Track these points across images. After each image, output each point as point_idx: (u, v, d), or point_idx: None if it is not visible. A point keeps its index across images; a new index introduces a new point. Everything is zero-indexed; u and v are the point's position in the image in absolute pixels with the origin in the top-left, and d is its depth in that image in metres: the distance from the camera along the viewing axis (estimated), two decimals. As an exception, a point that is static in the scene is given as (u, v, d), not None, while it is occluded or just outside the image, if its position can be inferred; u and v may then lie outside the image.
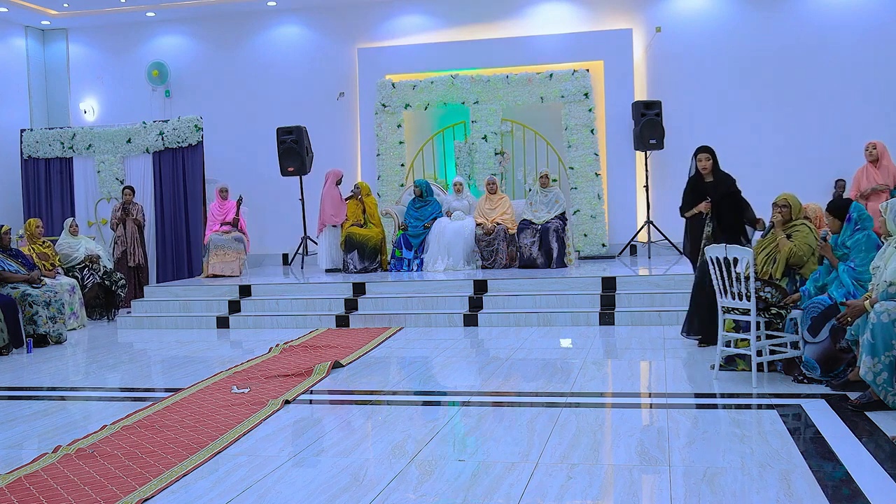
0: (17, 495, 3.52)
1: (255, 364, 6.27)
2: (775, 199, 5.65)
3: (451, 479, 3.55)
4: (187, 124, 11.29)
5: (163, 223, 11.36)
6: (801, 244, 5.43)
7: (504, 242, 9.59)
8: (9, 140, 12.10)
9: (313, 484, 3.55)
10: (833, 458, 3.64)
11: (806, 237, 5.46)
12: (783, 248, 5.45)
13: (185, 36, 12.69)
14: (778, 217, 5.58)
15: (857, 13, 10.77)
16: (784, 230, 5.55)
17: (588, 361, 6.01)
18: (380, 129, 11.49)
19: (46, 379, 6.32)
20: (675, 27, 11.27)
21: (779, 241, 5.51)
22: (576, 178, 10.87)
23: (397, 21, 12.01)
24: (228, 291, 8.98)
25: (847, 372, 4.84)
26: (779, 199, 5.64)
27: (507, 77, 11.11)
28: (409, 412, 4.78)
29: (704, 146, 6.56)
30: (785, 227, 5.56)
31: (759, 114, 11.02)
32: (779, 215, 5.58)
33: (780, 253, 5.46)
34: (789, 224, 5.57)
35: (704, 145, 6.58)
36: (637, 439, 4.02)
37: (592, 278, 8.25)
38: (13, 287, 7.83)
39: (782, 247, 5.45)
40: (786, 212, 5.57)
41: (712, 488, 3.31)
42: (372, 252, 9.95)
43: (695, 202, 6.51)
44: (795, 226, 5.54)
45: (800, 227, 5.51)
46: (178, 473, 3.73)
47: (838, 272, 5.04)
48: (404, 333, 7.59)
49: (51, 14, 12.48)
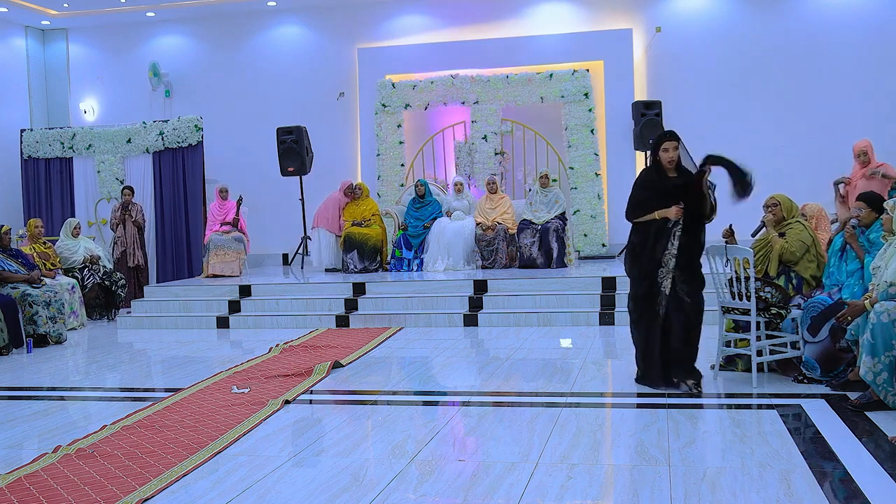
0: (17, 495, 3.52)
1: (255, 364, 6.27)
2: (765, 201, 5.63)
3: (451, 479, 3.55)
4: (187, 124, 11.29)
5: (163, 223, 11.36)
6: (794, 241, 5.42)
7: (504, 242, 9.59)
8: (9, 140, 12.10)
9: (313, 484, 3.55)
10: (833, 458, 3.64)
11: (799, 234, 5.44)
12: (775, 245, 5.44)
13: (185, 36, 12.69)
14: (769, 217, 5.58)
15: (857, 13, 10.77)
16: (777, 230, 5.55)
17: (588, 361, 6.01)
18: (380, 129, 11.50)
19: (46, 379, 6.32)
20: (675, 27, 11.27)
21: (771, 239, 5.50)
22: (576, 178, 10.87)
23: (397, 21, 12.02)
24: (228, 291, 8.98)
25: (847, 372, 4.84)
26: (768, 200, 5.63)
27: (507, 77, 11.12)
28: (409, 412, 4.78)
29: (670, 132, 5.03)
30: (778, 227, 5.55)
31: (758, 114, 11.02)
32: (770, 215, 5.58)
33: (773, 251, 5.45)
34: (783, 223, 5.56)
35: (670, 131, 5.05)
36: (637, 439, 4.01)
37: (592, 278, 8.25)
38: (13, 287, 7.82)
39: (774, 244, 5.45)
40: (777, 210, 5.56)
41: (712, 488, 3.31)
42: (372, 252, 9.95)
43: (652, 203, 4.97)
44: (789, 224, 5.53)
45: (793, 225, 5.50)
46: (178, 473, 3.73)
47: (863, 264, 5.01)
48: (404, 333, 7.59)
49: (51, 14, 12.48)
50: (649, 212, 4.96)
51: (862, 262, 5.04)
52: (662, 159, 4.97)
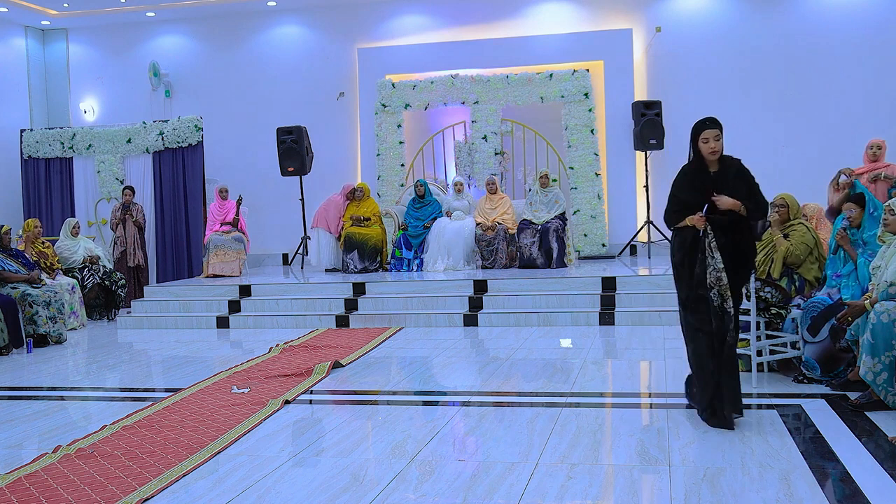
0: (17, 495, 3.52)
1: (255, 364, 6.27)
2: (773, 200, 5.63)
3: (451, 479, 3.55)
4: (187, 124, 11.29)
5: (163, 223, 11.36)
6: (798, 243, 5.43)
7: (504, 242, 9.59)
8: (9, 140, 12.11)
9: (313, 484, 3.55)
10: (833, 458, 3.64)
11: (803, 236, 5.45)
12: (780, 247, 5.44)
13: (185, 36, 12.70)
14: (775, 217, 5.58)
15: (857, 13, 10.78)
16: (781, 230, 5.55)
17: (588, 361, 6.01)
18: (380, 129, 11.50)
19: (46, 379, 6.32)
20: (675, 27, 11.27)
21: (776, 240, 5.50)
22: (576, 178, 10.87)
23: (397, 21, 12.02)
24: (228, 291, 8.98)
25: (847, 372, 4.84)
26: (776, 199, 5.63)
27: (507, 77, 11.12)
28: (409, 412, 4.78)
29: (711, 118, 4.28)
30: (782, 227, 5.56)
31: (759, 113, 11.02)
32: (776, 215, 5.58)
33: (777, 252, 5.45)
34: (787, 224, 5.56)
35: (711, 117, 4.29)
36: (637, 439, 4.01)
37: (592, 278, 8.25)
38: (13, 287, 7.83)
39: (779, 246, 5.45)
40: (783, 212, 5.57)
41: (712, 488, 3.31)
42: (372, 252, 9.95)
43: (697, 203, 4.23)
44: (793, 225, 5.54)
45: (797, 227, 5.51)
46: (178, 473, 3.73)
47: (856, 265, 5.02)
48: (404, 333, 7.59)
49: (51, 14, 12.48)
50: (691, 211, 4.24)
51: (855, 263, 5.05)
52: (703, 150, 4.26)
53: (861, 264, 4.96)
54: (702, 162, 4.30)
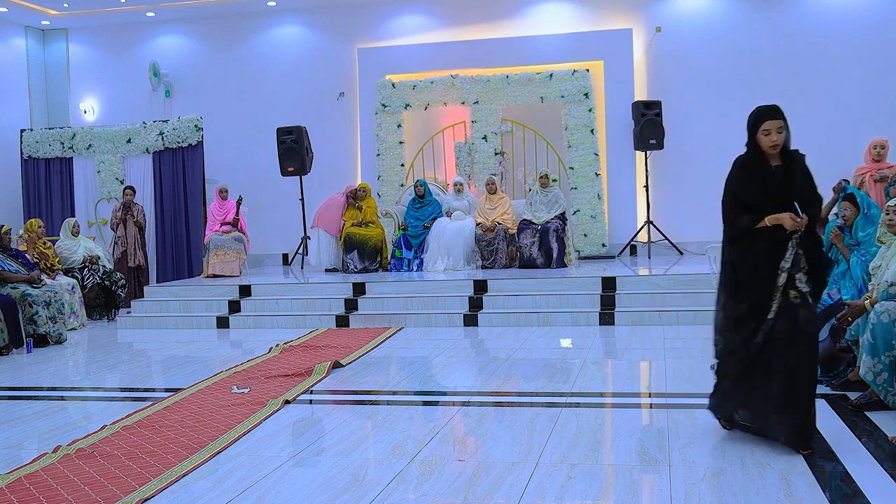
0: (17, 495, 3.52)
1: (255, 364, 6.27)
2: None
3: (451, 479, 3.55)
4: (187, 124, 11.29)
5: (163, 223, 11.36)
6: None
7: (504, 242, 9.59)
8: (9, 140, 12.10)
9: (313, 484, 3.55)
10: (833, 458, 3.64)
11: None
12: None
13: (185, 36, 12.69)
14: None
15: (857, 13, 10.78)
16: None
17: (588, 361, 6.01)
18: (380, 129, 11.50)
19: (46, 379, 6.32)
20: (675, 27, 11.27)
21: None
22: (576, 178, 10.87)
23: (397, 21, 12.02)
24: (228, 291, 8.98)
25: (847, 372, 4.84)
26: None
27: (507, 77, 11.12)
28: (409, 412, 4.78)
29: (774, 107, 3.79)
30: None
31: (759, 114, 11.00)
32: None
33: None
34: None
35: (773, 106, 3.80)
36: (637, 439, 4.01)
37: (592, 278, 8.25)
38: (13, 287, 7.82)
39: None
40: None
41: (712, 488, 3.31)
42: (372, 252, 9.95)
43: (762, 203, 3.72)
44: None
45: None
46: (178, 473, 3.73)
47: (849, 264, 5.02)
48: (404, 333, 7.59)
49: (51, 14, 12.48)
50: (761, 216, 3.70)
51: (848, 263, 5.05)
52: (763, 144, 3.78)
53: (854, 264, 4.97)
54: (761, 154, 3.82)
